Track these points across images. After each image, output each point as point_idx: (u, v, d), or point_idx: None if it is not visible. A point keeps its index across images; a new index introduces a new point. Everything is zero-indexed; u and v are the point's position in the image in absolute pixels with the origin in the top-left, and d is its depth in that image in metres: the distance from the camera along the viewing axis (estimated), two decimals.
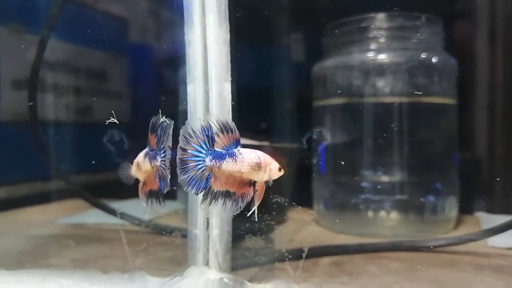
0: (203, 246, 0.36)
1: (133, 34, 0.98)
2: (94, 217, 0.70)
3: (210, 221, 0.35)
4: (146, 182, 0.34)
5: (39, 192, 0.85)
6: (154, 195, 0.33)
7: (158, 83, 0.93)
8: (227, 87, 0.35)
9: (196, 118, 0.35)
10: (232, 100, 0.35)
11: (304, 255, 0.41)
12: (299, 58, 0.77)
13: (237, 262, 0.44)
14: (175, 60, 0.41)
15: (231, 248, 0.38)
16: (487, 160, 0.81)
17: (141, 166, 0.34)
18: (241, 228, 0.50)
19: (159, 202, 0.34)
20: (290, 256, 0.44)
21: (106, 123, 0.33)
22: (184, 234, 0.56)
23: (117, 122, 0.33)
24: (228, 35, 0.34)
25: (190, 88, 0.35)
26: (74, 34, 0.84)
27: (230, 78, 0.35)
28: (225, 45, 0.34)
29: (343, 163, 0.65)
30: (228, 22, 0.34)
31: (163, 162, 0.31)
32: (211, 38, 0.34)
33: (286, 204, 0.52)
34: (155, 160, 0.32)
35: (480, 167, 0.82)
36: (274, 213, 0.55)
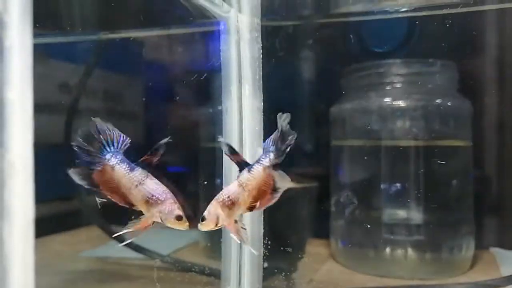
0: None
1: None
2: (117, 249, 0.72)
3: (242, 279, 0.37)
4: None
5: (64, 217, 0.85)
6: None
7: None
8: (260, 151, 0.37)
9: (231, 179, 0.37)
10: None
11: None
12: (316, 97, 0.79)
13: None
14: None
15: None
16: (500, 194, 0.82)
17: None
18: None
19: None
20: None
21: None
22: (202, 271, 0.58)
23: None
24: (262, 104, 0.37)
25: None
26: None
27: (262, 143, 0.37)
28: (258, 113, 0.37)
29: (360, 202, 0.66)
30: (261, 92, 0.37)
31: None
32: (246, 107, 0.36)
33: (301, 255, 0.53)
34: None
35: (493, 202, 0.83)
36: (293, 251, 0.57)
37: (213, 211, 0.30)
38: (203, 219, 0.30)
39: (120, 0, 0.57)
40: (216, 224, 0.30)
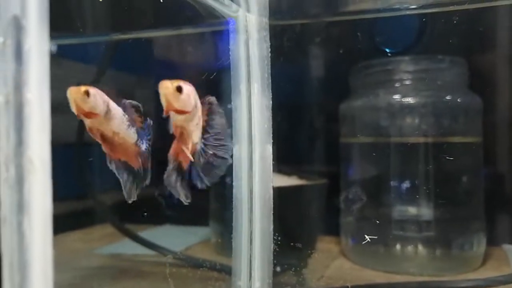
0: None
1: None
2: (130, 246, 0.73)
3: (253, 274, 0.38)
4: (116, 150, 0.31)
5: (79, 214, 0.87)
6: (132, 174, 0.32)
7: None
8: (269, 148, 0.38)
9: (240, 176, 0.38)
10: (272, 160, 0.38)
11: None
12: (325, 95, 0.80)
13: None
14: None
15: None
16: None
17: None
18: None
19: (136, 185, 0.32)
20: None
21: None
22: (213, 267, 0.59)
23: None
24: (270, 102, 0.37)
25: (235, 148, 0.38)
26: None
27: (271, 141, 0.38)
28: (267, 111, 0.37)
29: (370, 199, 0.66)
30: (270, 90, 0.37)
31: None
32: (255, 105, 0.37)
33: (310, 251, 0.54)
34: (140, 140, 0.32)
35: (505, 198, 0.82)
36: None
37: (194, 97, 0.29)
38: (180, 89, 0.29)
39: (130, 2, 0.58)
40: (186, 109, 0.29)
